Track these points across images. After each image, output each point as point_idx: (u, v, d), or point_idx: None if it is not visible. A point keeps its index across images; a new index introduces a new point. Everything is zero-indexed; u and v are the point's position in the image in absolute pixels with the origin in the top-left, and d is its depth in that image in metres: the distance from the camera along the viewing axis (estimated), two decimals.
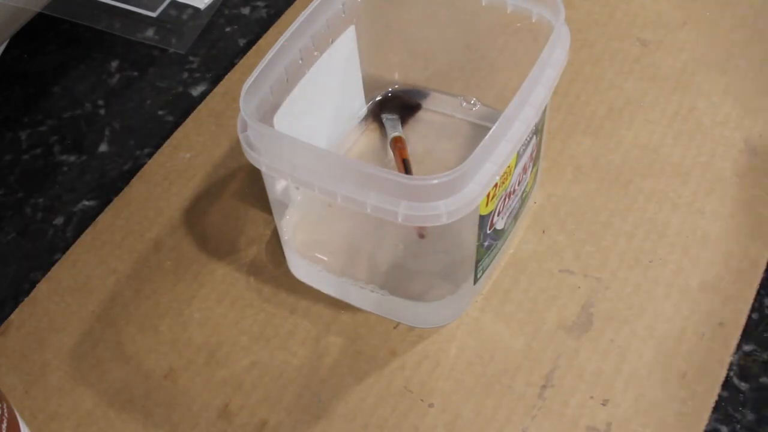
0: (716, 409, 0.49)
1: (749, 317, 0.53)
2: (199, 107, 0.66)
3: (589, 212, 0.58)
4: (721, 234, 0.56)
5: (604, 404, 0.49)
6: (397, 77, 0.63)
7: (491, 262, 0.54)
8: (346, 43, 0.57)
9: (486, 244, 0.51)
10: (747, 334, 0.52)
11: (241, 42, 0.71)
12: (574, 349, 0.52)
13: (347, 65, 0.58)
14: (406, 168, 0.58)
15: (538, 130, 0.52)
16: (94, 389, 0.53)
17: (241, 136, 0.48)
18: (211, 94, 0.67)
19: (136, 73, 0.70)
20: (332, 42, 0.55)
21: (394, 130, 0.61)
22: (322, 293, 0.55)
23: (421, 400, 0.51)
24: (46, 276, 0.58)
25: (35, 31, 0.73)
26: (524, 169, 0.52)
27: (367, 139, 0.62)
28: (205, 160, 0.63)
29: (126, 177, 0.63)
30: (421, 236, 0.52)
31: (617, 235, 0.57)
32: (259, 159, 0.48)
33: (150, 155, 0.64)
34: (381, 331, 0.54)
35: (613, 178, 0.59)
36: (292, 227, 0.56)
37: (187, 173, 0.62)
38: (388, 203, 0.45)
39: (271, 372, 0.53)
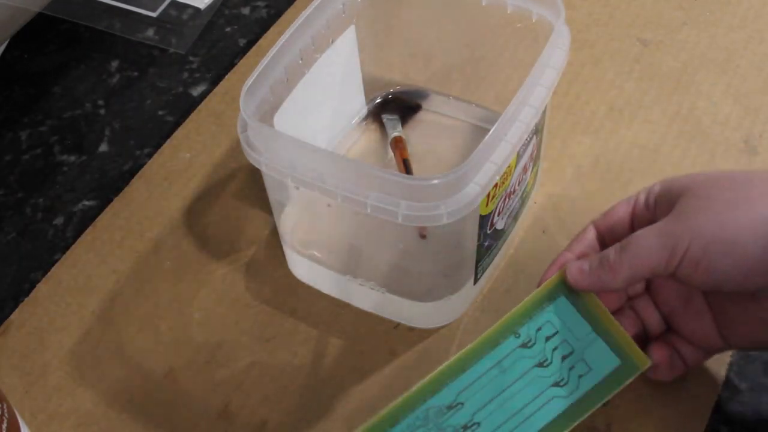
0: (716, 409, 0.49)
1: None
2: (199, 107, 0.66)
3: (589, 212, 0.57)
4: None
5: (604, 404, 0.49)
6: (398, 77, 0.63)
7: (491, 262, 0.54)
8: (346, 43, 0.57)
9: (486, 244, 0.51)
10: None
11: (241, 42, 0.71)
12: None
13: (347, 65, 0.58)
14: (406, 168, 0.58)
15: (538, 130, 0.52)
16: (94, 389, 0.53)
17: (241, 136, 0.48)
18: (211, 94, 0.67)
19: (136, 73, 0.70)
20: (332, 42, 0.55)
21: (395, 130, 0.61)
22: (322, 293, 0.55)
23: None
24: (46, 276, 0.58)
25: (35, 31, 0.73)
26: (524, 169, 0.52)
27: (367, 139, 0.62)
28: (205, 160, 0.63)
29: (126, 177, 0.63)
30: (423, 236, 0.52)
31: None
32: (259, 159, 0.48)
33: (150, 155, 0.64)
34: (381, 331, 0.54)
35: (613, 178, 0.59)
36: (291, 227, 0.56)
37: (187, 173, 0.62)
38: (388, 203, 0.45)
39: (271, 372, 0.53)
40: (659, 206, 0.46)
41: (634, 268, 0.44)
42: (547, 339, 0.48)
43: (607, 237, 0.49)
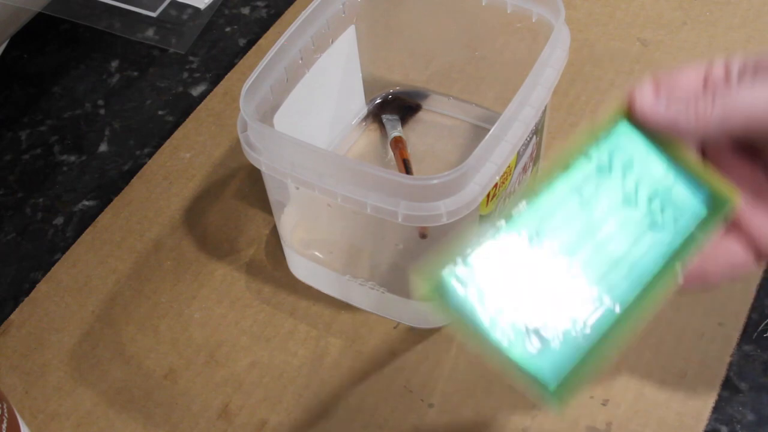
0: (716, 409, 0.49)
1: (749, 317, 0.53)
2: (199, 107, 0.66)
3: None
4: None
5: (604, 404, 0.50)
6: (398, 77, 0.63)
7: None
8: (346, 43, 0.57)
9: None
10: (746, 334, 0.52)
11: (241, 42, 0.71)
12: None
13: (347, 65, 0.58)
14: (406, 168, 0.58)
15: (538, 130, 0.52)
16: (94, 389, 0.53)
17: (241, 136, 0.48)
18: (211, 94, 0.67)
19: (136, 73, 0.70)
20: (332, 42, 0.55)
21: (395, 130, 0.61)
22: (322, 293, 0.55)
23: (421, 400, 0.51)
24: (46, 276, 0.58)
25: (35, 31, 0.73)
26: (524, 169, 0.52)
27: (367, 139, 0.62)
28: (205, 160, 0.63)
29: (126, 177, 0.63)
30: (423, 236, 0.52)
31: None
32: (259, 159, 0.48)
33: (150, 155, 0.64)
34: (381, 331, 0.54)
35: None
36: (291, 227, 0.56)
37: (187, 173, 0.62)
38: (388, 203, 0.45)
39: (271, 372, 0.53)
40: (749, 77, 0.38)
41: (729, 117, 0.36)
42: (625, 171, 0.38)
43: None
